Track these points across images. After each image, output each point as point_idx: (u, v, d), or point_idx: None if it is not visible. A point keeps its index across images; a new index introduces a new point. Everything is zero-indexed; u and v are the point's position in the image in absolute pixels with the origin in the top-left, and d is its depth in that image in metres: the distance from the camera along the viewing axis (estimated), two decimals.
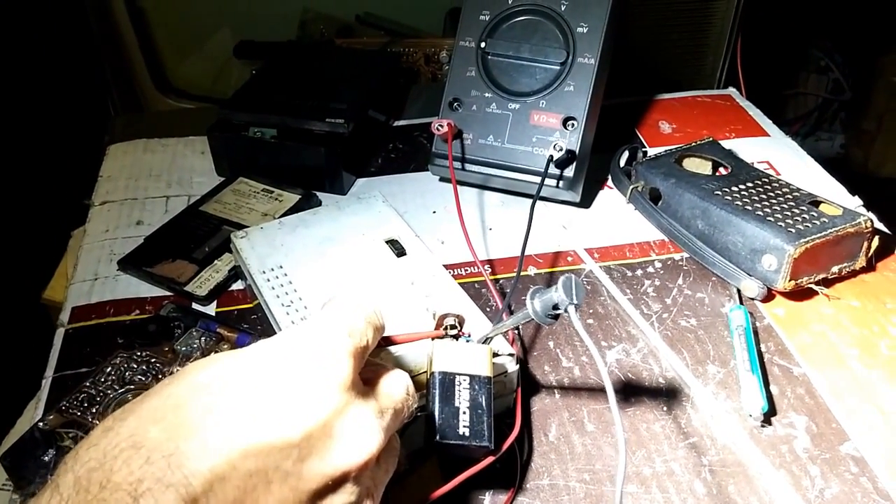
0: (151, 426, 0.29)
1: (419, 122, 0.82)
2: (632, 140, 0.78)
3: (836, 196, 0.66)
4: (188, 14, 1.12)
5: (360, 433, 0.32)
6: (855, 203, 0.67)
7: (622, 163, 0.70)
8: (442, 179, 0.72)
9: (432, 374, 0.41)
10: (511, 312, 0.56)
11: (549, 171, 0.62)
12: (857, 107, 1.83)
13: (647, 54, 1.06)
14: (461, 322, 0.44)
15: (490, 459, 0.41)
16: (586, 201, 0.69)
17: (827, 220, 0.57)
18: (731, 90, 0.88)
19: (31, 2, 1.06)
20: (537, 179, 0.63)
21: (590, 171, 0.67)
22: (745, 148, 0.74)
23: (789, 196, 0.62)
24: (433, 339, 0.43)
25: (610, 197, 0.71)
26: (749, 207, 0.60)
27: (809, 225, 0.57)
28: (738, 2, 1.01)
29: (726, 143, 0.71)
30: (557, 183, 0.64)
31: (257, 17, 1.07)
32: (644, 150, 0.72)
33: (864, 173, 1.82)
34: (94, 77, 1.08)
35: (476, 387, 0.41)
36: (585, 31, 0.64)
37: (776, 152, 0.76)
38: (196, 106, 1.06)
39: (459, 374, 0.41)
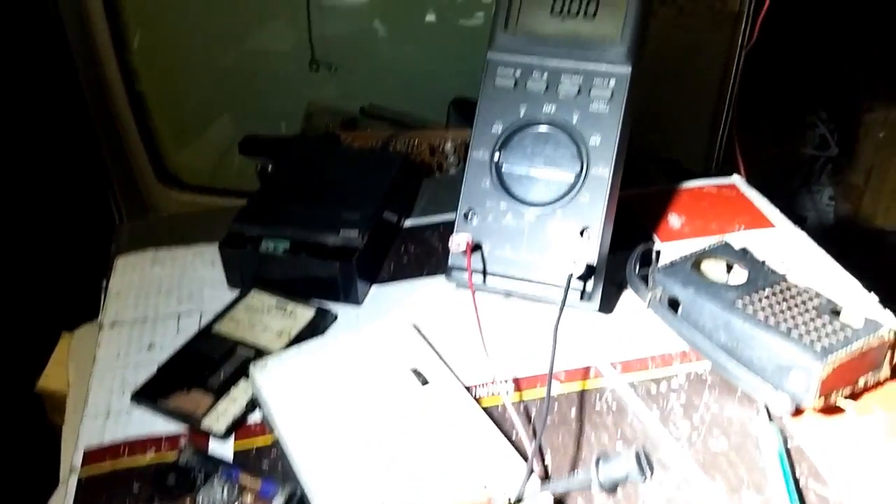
0: None
1: (429, 223, 0.81)
2: (642, 234, 0.77)
3: (850, 291, 0.67)
4: (188, 100, 1.12)
5: None
6: (872, 300, 0.67)
7: (637, 268, 0.70)
8: (460, 286, 0.71)
9: None
10: (542, 451, 0.54)
11: (570, 285, 0.62)
12: (844, 161, 1.86)
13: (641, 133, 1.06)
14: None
15: None
16: (606, 307, 0.68)
17: (850, 334, 0.57)
18: (735, 178, 0.89)
19: (28, 95, 1.06)
20: (557, 290, 0.63)
21: (606, 274, 0.66)
22: (755, 241, 0.74)
23: (810, 305, 0.61)
24: None
25: (629, 299, 0.70)
26: (771, 321, 0.59)
27: (834, 340, 0.57)
28: (733, 86, 1.03)
29: (736, 236, 0.71)
30: (580, 296, 0.63)
31: (259, 105, 1.07)
32: (657, 250, 0.72)
33: (853, 226, 1.85)
34: (94, 167, 1.08)
35: None
36: (598, 143, 0.64)
37: (785, 245, 0.77)
38: (200, 200, 1.06)
39: None
